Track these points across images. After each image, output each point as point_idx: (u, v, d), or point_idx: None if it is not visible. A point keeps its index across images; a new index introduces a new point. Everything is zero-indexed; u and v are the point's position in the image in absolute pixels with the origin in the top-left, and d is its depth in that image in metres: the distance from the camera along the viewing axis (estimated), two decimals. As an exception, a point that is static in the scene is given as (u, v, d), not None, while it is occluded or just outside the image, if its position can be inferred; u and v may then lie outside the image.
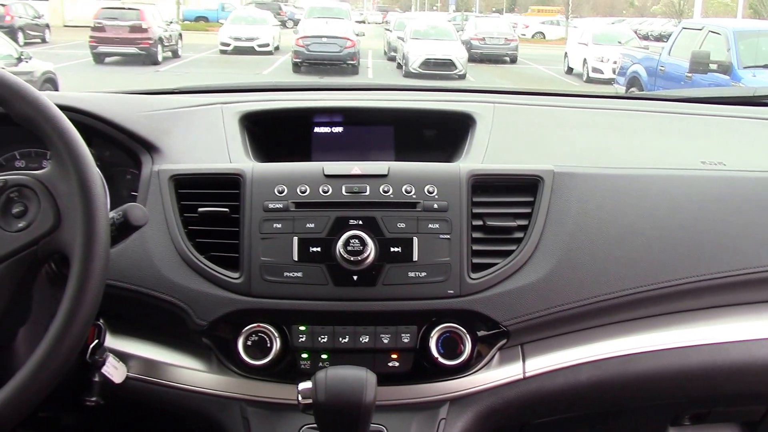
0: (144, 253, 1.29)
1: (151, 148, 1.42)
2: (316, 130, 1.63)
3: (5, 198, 1.05)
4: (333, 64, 18.21)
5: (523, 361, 1.34)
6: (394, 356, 1.27)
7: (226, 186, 1.33)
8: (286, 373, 1.27)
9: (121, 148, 1.44)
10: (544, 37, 36.44)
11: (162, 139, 1.44)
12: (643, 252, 1.35)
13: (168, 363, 1.32)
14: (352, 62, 18.40)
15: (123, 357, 1.29)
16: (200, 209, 1.31)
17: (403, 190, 1.30)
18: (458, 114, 1.59)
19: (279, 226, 1.27)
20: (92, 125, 1.40)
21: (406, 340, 1.26)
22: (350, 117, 1.64)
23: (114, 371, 1.25)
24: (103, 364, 1.23)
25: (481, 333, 1.28)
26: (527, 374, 1.33)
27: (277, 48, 22.82)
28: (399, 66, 19.33)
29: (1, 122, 1.43)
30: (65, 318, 0.98)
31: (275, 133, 1.59)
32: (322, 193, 1.30)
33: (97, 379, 1.23)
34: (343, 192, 1.30)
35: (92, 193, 1.02)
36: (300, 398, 1.12)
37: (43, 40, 23.48)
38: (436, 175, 1.33)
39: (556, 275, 1.30)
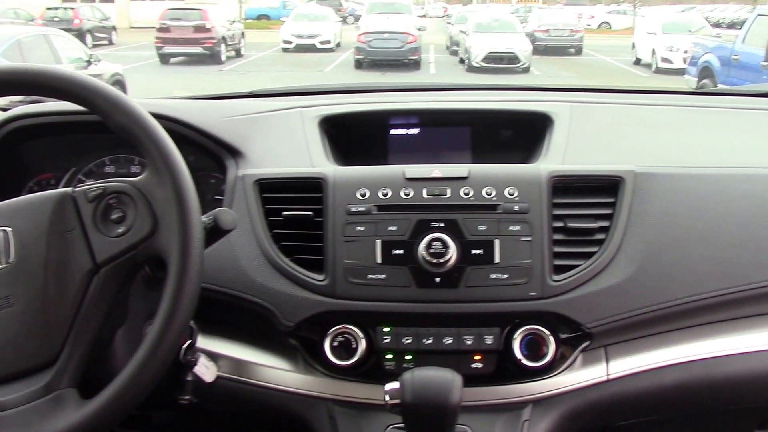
0: (231, 256, 1.33)
1: (235, 153, 1.47)
2: (393, 131, 1.66)
3: (104, 205, 1.11)
4: (395, 60, 18.27)
5: (607, 363, 1.34)
6: (477, 357, 1.30)
7: (309, 190, 1.37)
8: (372, 373, 1.30)
9: (206, 153, 1.49)
10: (610, 27, 35.81)
11: (245, 143, 1.49)
12: (728, 253, 1.34)
13: (256, 363, 1.37)
14: (413, 58, 18.43)
15: (213, 357, 1.34)
16: (284, 213, 1.35)
17: (484, 193, 1.32)
18: (535, 114, 1.60)
19: (362, 229, 1.31)
20: (180, 131, 1.46)
21: (489, 342, 1.28)
22: (426, 118, 1.66)
23: (205, 371, 1.30)
24: (195, 363, 1.28)
25: (564, 335, 1.30)
26: (611, 376, 1.33)
27: (338, 45, 23.01)
28: (461, 61, 19.28)
29: (92, 130, 1.52)
30: (165, 319, 1.02)
31: (352, 135, 1.63)
32: (403, 196, 1.32)
33: (189, 378, 1.28)
34: (425, 195, 1.32)
35: (187, 199, 1.07)
36: (387, 398, 1.15)
37: (110, 42, 24.21)
38: (516, 176, 1.35)
39: (639, 277, 1.30)
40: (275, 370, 1.36)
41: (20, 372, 1.06)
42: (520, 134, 1.63)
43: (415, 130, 1.66)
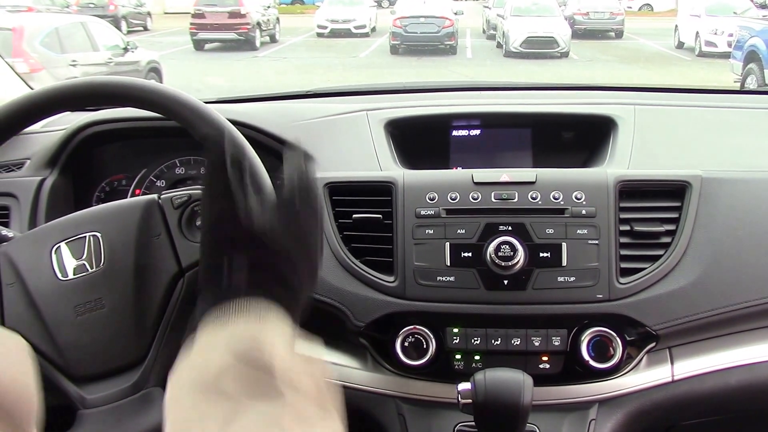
0: None
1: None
2: (455, 133, 1.70)
3: (190, 211, 1.16)
4: (431, 45, 18.21)
5: (672, 364, 1.37)
6: (544, 358, 1.34)
7: (378, 193, 1.41)
8: (440, 372, 1.35)
9: (277, 157, 1.54)
10: (652, 9, 35.24)
11: (314, 147, 1.53)
12: None
13: (326, 361, 1.42)
14: (450, 43, 18.35)
15: None
16: (355, 215, 1.40)
17: (551, 197, 1.36)
18: (599, 117, 1.63)
19: (431, 232, 1.35)
20: (252, 136, 1.51)
21: (556, 343, 1.33)
22: (488, 120, 1.70)
23: None
24: None
25: (630, 337, 1.33)
26: (676, 377, 1.36)
27: (373, 29, 22.96)
28: (499, 45, 19.14)
29: (161, 134, 1.59)
30: None
31: (414, 136, 1.67)
32: (472, 200, 1.37)
33: None
34: (493, 199, 1.36)
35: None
36: (459, 398, 1.20)
37: (145, 28, 24.40)
38: (583, 181, 1.38)
39: (705, 280, 1.33)
40: (345, 368, 1.42)
41: (110, 371, 1.12)
42: (582, 136, 1.67)
43: (477, 132, 1.70)
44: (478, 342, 1.34)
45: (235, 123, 1.19)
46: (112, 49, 10.85)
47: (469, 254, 1.33)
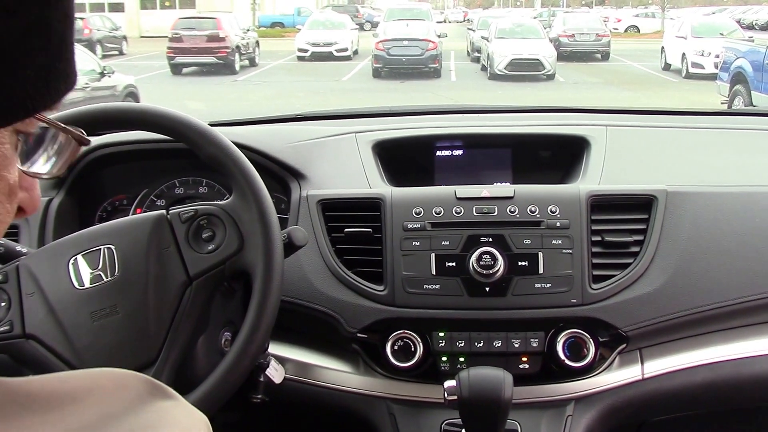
0: (299, 269, 1.54)
1: (298, 176, 1.68)
2: (439, 153, 1.86)
3: (196, 225, 1.31)
4: (414, 68, 18.43)
5: (642, 363, 1.53)
6: (524, 359, 1.49)
7: (368, 209, 1.57)
8: (428, 373, 1.50)
9: (271, 176, 1.70)
10: (638, 31, 35.82)
11: (307, 167, 1.69)
12: (753, 263, 1.53)
13: (320, 366, 1.57)
14: (434, 65, 18.57)
15: (281, 360, 1.53)
16: (346, 230, 1.55)
17: (528, 210, 1.52)
18: (573, 137, 1.80)
19: (417, 243, 1.51)
20: (251, 157, 1.67)
21: (534, 345, 1.48)
22: (470, 141, 1.86)
23: (275, 373, 1.49)
24: (267, 366, 1.46)
25: (602, 338, 1.49)
26: (645, 376, 1.52)
27: (355, 52, 23.22)
28: (483, 68, 19.38)
29: (161, 156, 1.74)
30: (251, 326, 1.22)
31: (401, 156, 1.83)
32: (455, 214, 1.53)
33: (261, 379, 1.48)
34: (474, 213, 1.52)
35: (270, 221, 1.27)
36: (446, 395, 1.34)
37: (121, 52, 24.53)
38: (558, 196, 1.54)
39: (671, 285, 1.49)
40: (338, 372, 1.56)
41: None
42: (558, 155, 1.84)
43: (460, 152, 1.86)
44: (462, 345, 1.49)
45: (239, 146, 1.33)
46: (89, 74, 10.90)
47: (453, 264, 1.49)
